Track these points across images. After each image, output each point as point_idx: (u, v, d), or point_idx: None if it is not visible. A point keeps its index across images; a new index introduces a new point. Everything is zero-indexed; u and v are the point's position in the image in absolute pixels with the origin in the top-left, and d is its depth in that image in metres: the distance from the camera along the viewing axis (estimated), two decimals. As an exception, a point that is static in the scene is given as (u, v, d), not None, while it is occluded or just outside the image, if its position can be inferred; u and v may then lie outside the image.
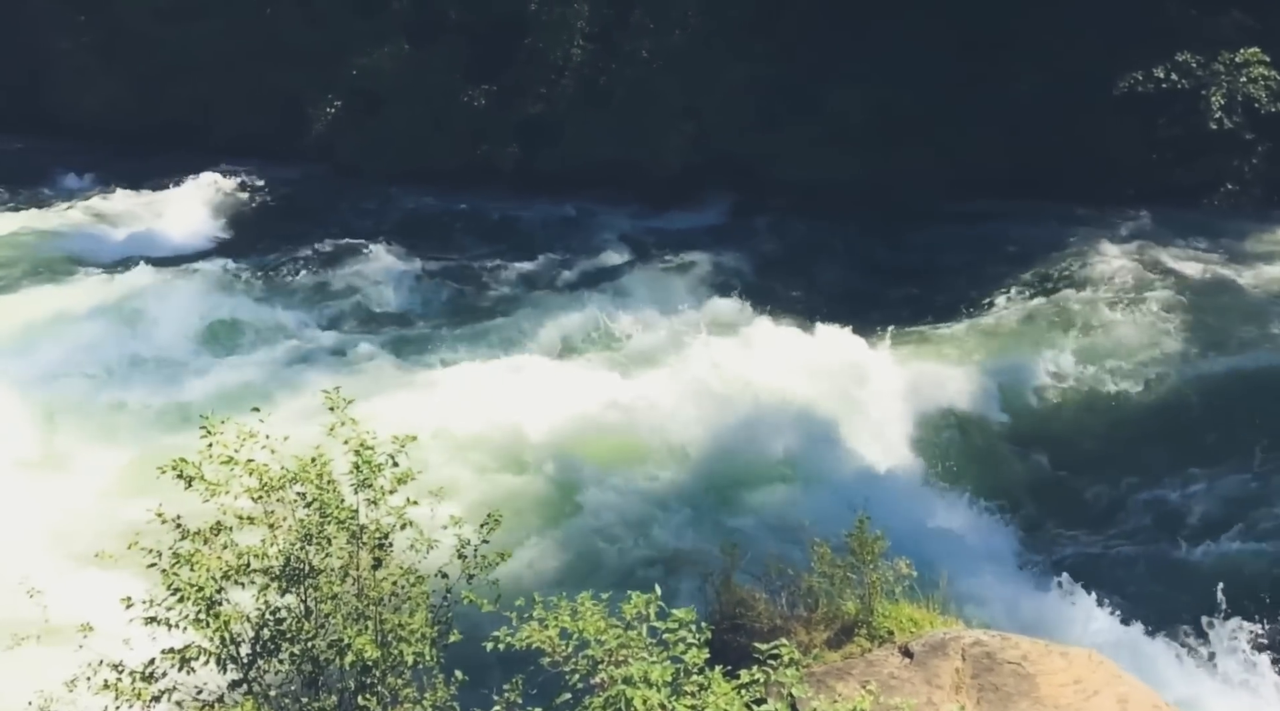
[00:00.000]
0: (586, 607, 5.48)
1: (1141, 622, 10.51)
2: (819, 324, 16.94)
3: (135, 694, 6.23)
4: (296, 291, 19.78)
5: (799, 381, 14.22)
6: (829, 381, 14.10)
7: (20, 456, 14.00)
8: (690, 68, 25.42)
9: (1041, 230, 21.58)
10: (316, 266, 21.15)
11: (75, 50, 30.68)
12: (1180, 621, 10.54)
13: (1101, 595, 10.87)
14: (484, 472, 12.61)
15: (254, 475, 6.92)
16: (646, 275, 20.04)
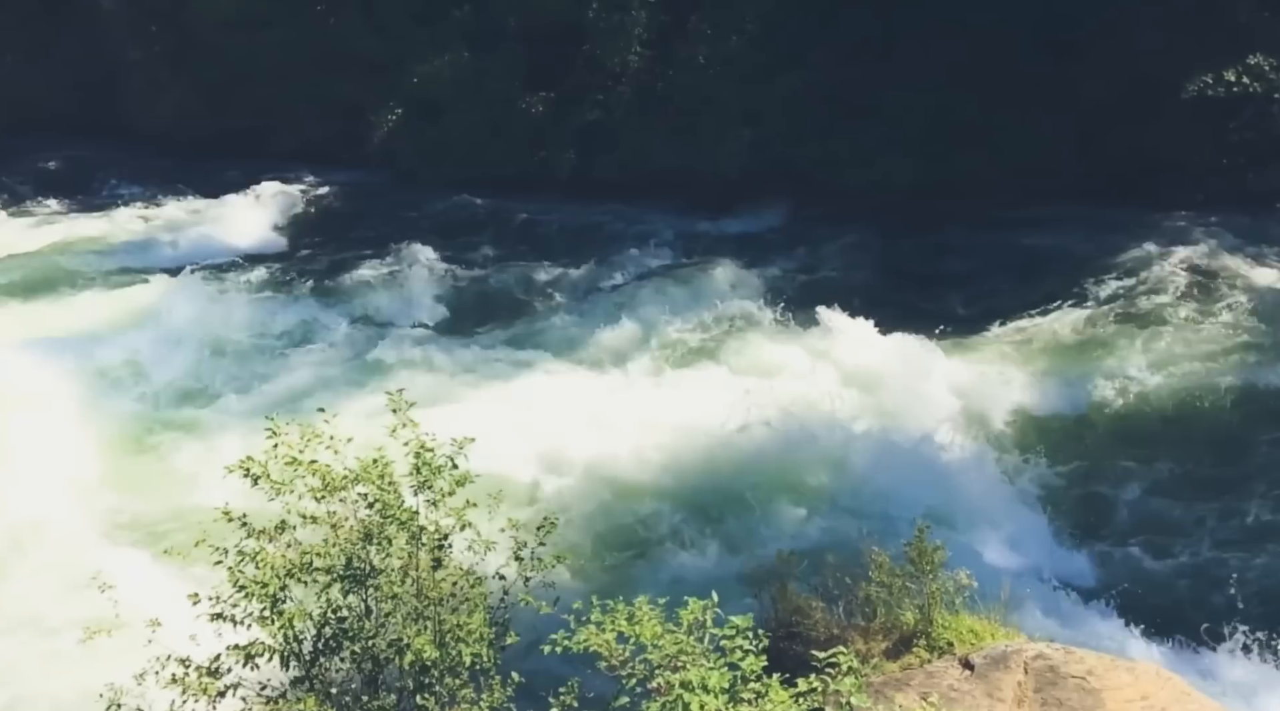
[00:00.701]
0: (643, 612, 5.47)
1: (1210, 639, 10.23)
2: (878, 330, 16.77)
3: (201, 688, 6.36)
4: (356, 296, 20.08)
5: (857, 389, 14.08)
6: (888, 389, 13.94)
7: (88, 453, 14.38)
8: (747, 73, 25.38)
9: (1106, 237, 21.15)
10: (376, 271, 21.45)
11: (147, 59, 31.51)
12: (1252, 640, 10.23)
13: (1169, 610, 10.61)
14: (539, 476, 12.66)
15: (317, 475, 7.04)
16: (702, 281, 19.98)
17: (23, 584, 11.33)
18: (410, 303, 20.01)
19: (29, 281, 20.80)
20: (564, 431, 13.54)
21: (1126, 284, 19.30)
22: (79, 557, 11.05)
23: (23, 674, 10.08)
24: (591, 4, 26.85)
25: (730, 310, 18.45)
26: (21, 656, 10.29)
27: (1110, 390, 15.76)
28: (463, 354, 17.11)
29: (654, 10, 26.64)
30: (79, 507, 12.71)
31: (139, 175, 29.15)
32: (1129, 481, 13.78)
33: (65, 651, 9.76)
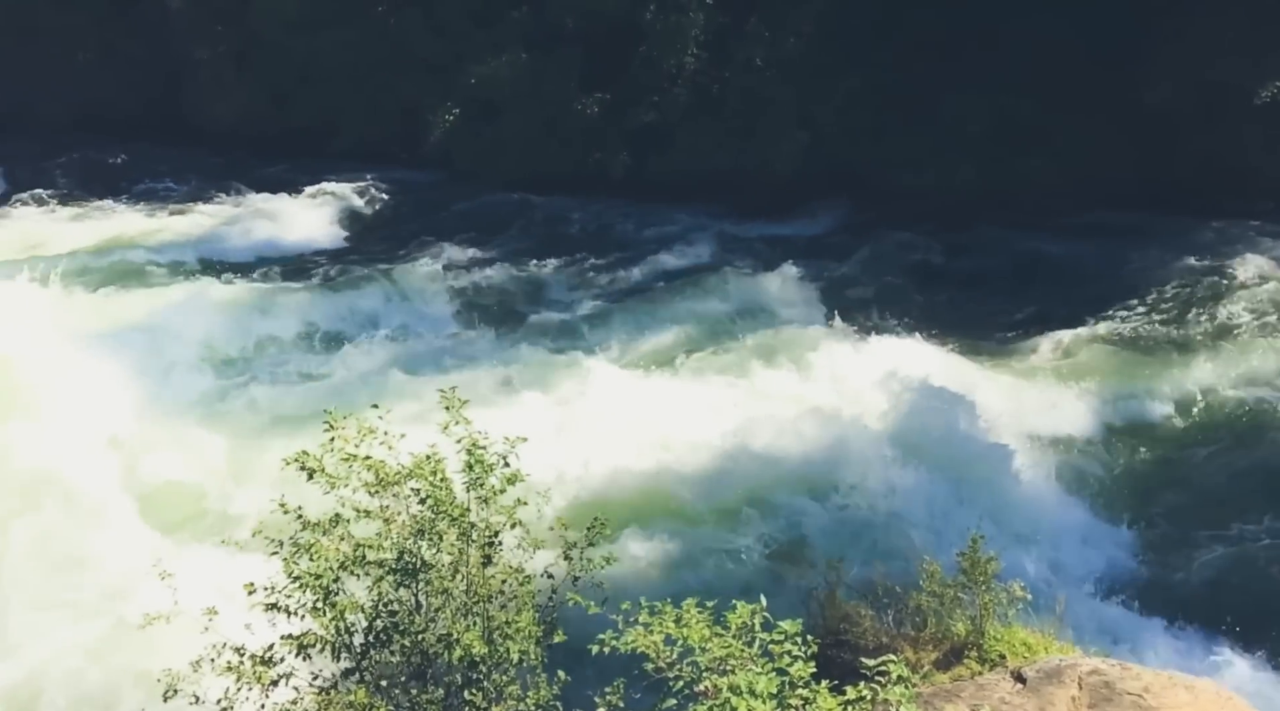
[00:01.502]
0: (691, 615, 5.46)
1: (1273, 659, 9.95)
2: (936, 336, 16.59)
3: (255, 677, 6.46)
4: (411, 294, 20.29)
5: (912, 395, 13.91)
6: (944, 397, 13.76)
7: (151, 442, 14.70)
8: (805, 75, 25.26)
9: (1170, 244, 20.69)
10: (430, 270, 21.66)
11: (212, 59, 32.15)
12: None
13: (1230, 629, 10.34)
14: (589, 476, 12.70)
15: (372, 470, 7.13)
16: (755, 284, 19.90)
17: (84, 568, 11.63)
18: (464, 301, 20.19)
19: (95, 274, 21.32)
20: (613, 432, 13.55)
21: (1191, 293, 18.86)
22: (140, 544, 11.32)
23: (84, 656, 10.35)
24: (649, 6, 26.91)
25: (782, 314, 18.36)
26: (83, 639, 10.56)
27: (1174, 403, 15.40)
28: (515, 352, 17.21)
29: (711, 12, 26.62)
30: (139, 496, 13.01)
31: (202, 173, 29.75)
32: (1190, 496, 13.46)
33: (125, 636, 10.02)
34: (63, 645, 10.56)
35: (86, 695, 9.88)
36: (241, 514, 12.08)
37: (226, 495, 12.97)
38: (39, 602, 11.25)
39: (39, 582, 11.55)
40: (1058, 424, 14.55)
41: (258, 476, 12.85)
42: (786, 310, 18.51)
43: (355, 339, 18.19)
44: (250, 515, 11.69)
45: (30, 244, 23.35)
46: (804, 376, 15.67)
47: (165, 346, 17.23)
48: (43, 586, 11.50)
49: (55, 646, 10.52)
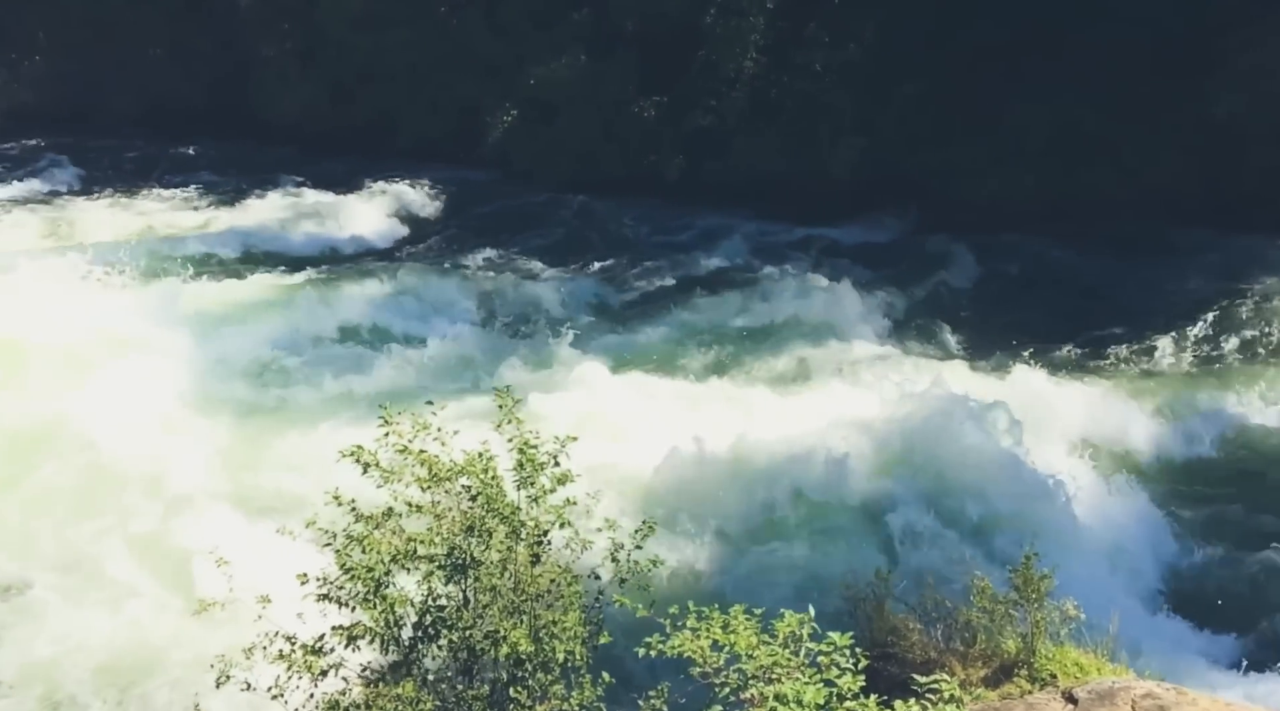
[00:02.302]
0: (739, 622, 5.44)
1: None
2: (990, 347, 16.36)
3: (306, 666, 6.55)
4: (466, 292, 20.45)
5: (964, 407, 13.69)
6: (1001, 410, 13.54)
7: (210, 430, 15.01)
8: (864, 81, 25.08)
9: (1237, 261, 20.17)
10: (485, 270, 21.86)
11: (278, 56, 32.78)
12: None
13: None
14: (638, 479, 12.70)
15: (425, 465, 7.20)
16: (810, 291, 19.75)
17: (142, 554, 11.90)
18: (517, 300, 20.32)
19: (158, 264, 21.81)
20: (663, 435, 13.54)
21: (1257, 312, 18.36)
22: (194, 531, 11.55)
23: (136, 641, 10.58)
24: (710, 10, 26.89)
25: (836, 321, 18.19)
26: (136, 625, 10.80)
27: (1238, 424, 15.02)
28: (565, 353, 17.27)
29: (772, 17, 26.55)
30: (193, 482, 13.27)
31: (264, 168, 30.31)
32: (1254, 519, 13.10)
33: (179, 622, 10.25)
34: (115, 625, 10.82)
35: (141, 677, 10.11)
36: (295, 505, 12.26)
37: (281, 486, 13.17)
38: (91, 581, 11.55)
39: (90, 559, 11.85)
40: (1115, 441, 14.26)
41: (313, 468, 13.03)
42: (840, 318, 18.34)
43: (410, 334, 18.39)
44: (304, 506, 11.87)
45: (97, 233, 23.95)
46: (856, 385, 15.53)
47: (224, 337, 17.55)
48: (95, 564, 11.79)
49: (106, 627, 10.78)
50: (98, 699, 10.02)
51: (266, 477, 13.54)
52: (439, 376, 16.55)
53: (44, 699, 10.07)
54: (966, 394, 14.00)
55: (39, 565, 11.84)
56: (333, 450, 7.60)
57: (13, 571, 11.81)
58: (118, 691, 10.09)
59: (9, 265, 20.34)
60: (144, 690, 10.07)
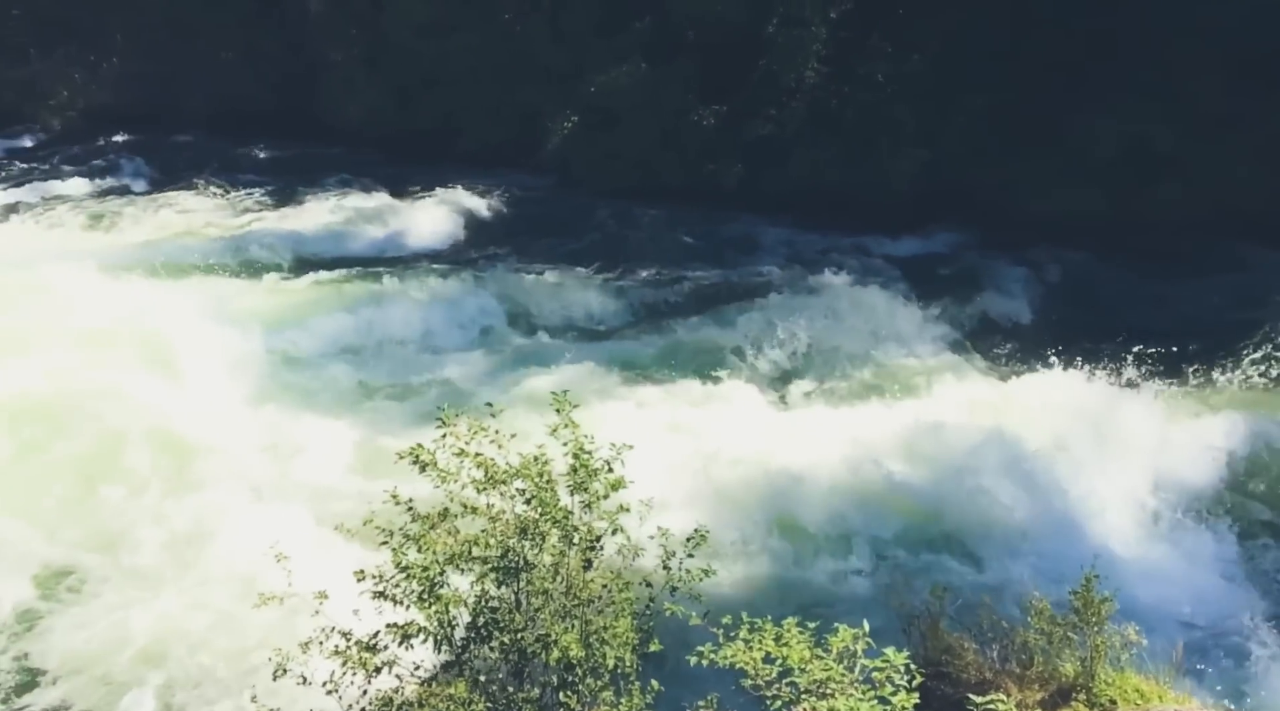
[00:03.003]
0: (792, 634, 5.41)
1: None
2: (1056, 365, 16.05)
3: (360, 662, 6.64)
4: (523, 297, 20.58)
5: (1030, 427, 13.45)
6: (1066, 429, 13.26)
7: (268, 426, 15.27)
8: (926, 93, 24.83)
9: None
10: (542, 275, 21.98)
11: (345, 60, 33.38)
12: None
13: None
14: (691, 488, 12.67)
15: (481, 468, 7.26)
16: (868, 304, 19.56)
17: (197, 545, 12.15)
18: (574, 307, 20.42)
19: (227, 263, 22.32)
20: (718, 445, 13.51)
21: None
22: (252, 526, 11.77)
23: (198, 633, 10.81)
24: (772, 20, 26.83)
25: (896, 335, 17.98)
26: (198, 615, 11.03)
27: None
28: (620, 359, 17.30)
29: (834, 27, 26.40)
30: (256, 478, 13.54)
31: (328, 170, 30.84)
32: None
33: (238, 615, 10.44)
34: (163, 613, 11.08)
35: (203, 664, 10.31)
36: (354, 502, 12.44)
37: (338, 483, 13.37)
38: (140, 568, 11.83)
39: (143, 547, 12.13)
40: (1182, 464, 13.89)
41: (371, 467, 13.23)
42: (900, 332, 18.11)
43: (467, 337, 18.58)
44: (362, 504, 12.03)
45: (168, 233, 24.55)
46: (916, 401, 15.31)
47: (284, 335, 17.86)
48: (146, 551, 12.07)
49: (171, 615, 11.03)
50: (144, 685, 10.26)
51: (324, 475, 13.76)
52: (494, 379, 16.67)
53: (94, 682, 10.32)
54: (1028, 410, 13.76)
55: (95, 551, 12.18)
56: (390, 449, 7.71)
57: (67, 556, 12.15)
58: (164, 677, 10.33)
59: (77, 259, 20.97)
60: (191, 678, 10.30)
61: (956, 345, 18.07)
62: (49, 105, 36.23)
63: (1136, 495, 12.69)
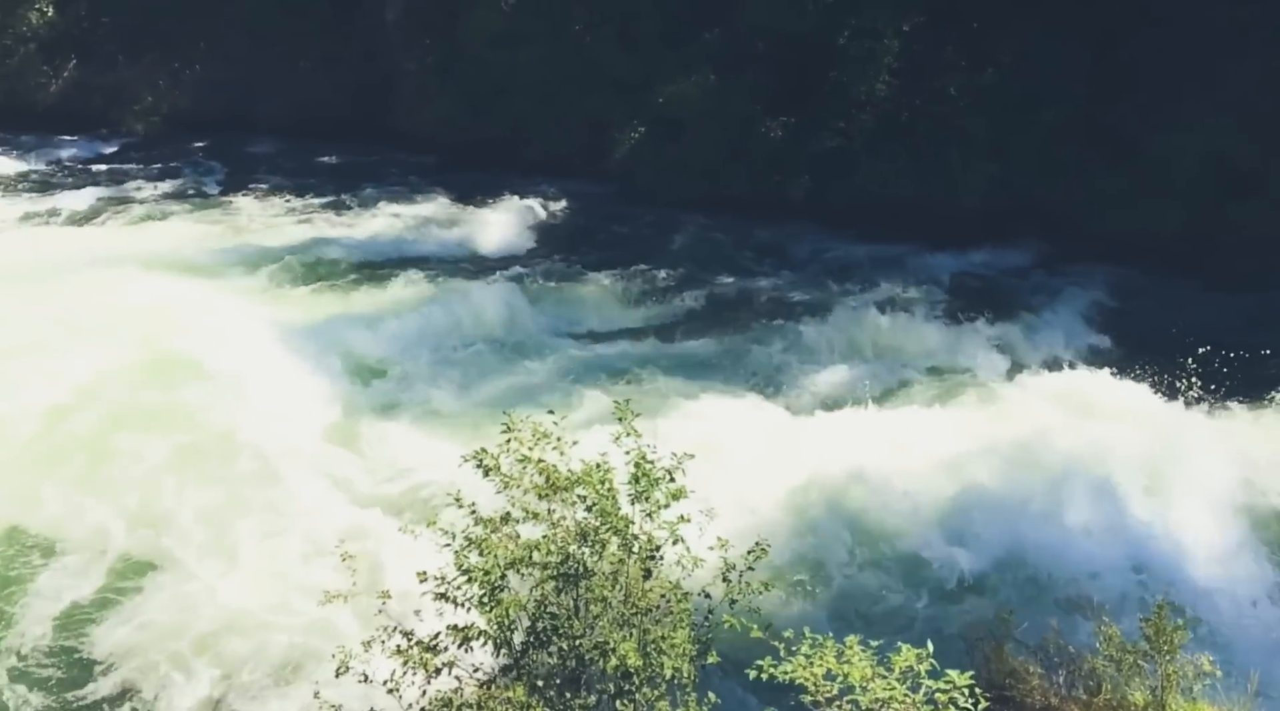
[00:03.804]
0: (853, 652, 5.34)
1: None
2: (1130, 387, 15.65)
3: (421, 662, 6.72)
4: (589, 305, 20.71)
5: (1102, 449, 13.11)
6: (1141, 453, 12.90)
7: (337, 426, 15.58)
8: (1000, 106, 24.45)
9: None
10: (608, 284, 22.07)
11: (419, 70, 33.92)
12: None
13: None
14: (752, 501, 12.59)
15: (543, 474, 7.31)
16: (937, 318, 19.31)
17: (274, 544, 12.42)
18: (637, 316, 20.48)
19: (299, 268, 22.79)
20: (780, 457, 13.41)
21: None
22: (325, 529, 12.01)
23: (262, 627, 11.03)
24: (844, 32, 26.66)
25: (965, 350, 17.68)
26: (262, 609, 11.27)
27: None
28: (685, 370, 17.30)
29: (907, 40, 26.14)
30: (328, 477, 13.81)
31: (401, 177, 31.43)
32: None
33: (304, 610, 10.65)
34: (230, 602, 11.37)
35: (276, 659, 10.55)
36: (416, 503, 12.63)
37: (402, 484, 13.56)
38: (216, 558, 12.14)
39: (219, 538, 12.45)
40: (1259, 493, 13.42)
41: (434, 468, 13.39)
42: (969, 347, 17.83)
43: (532, 343, 18.72)
44: (424, 505, 12.22)
45: (241, 238, 25.15)
46: (986, 419, 15.02)
47: (358, 340, 18.18)
48: (223, 543, 12.38)
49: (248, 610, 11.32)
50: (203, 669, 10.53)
51: (389, 475, 13.98)
52: (557, 385, 16.79)
53: (156, 662, 10.63)
54: (1100, 433, 13.42)
55: (177, 540, 12.53)
56: (454, 452, 7.79)
57: (143, 542, 12.54)
58: (223, 664, 10.59)
59: (153, 259, 21.65)
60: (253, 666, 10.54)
61: (1022, 362, 17.70)
62: (134, 110, 37.38)
63: (1213, 521, 12.30)
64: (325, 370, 16.93)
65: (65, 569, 12.18)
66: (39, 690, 10.37)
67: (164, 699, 10.14)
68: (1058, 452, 13.09)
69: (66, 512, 13.04)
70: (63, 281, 19.76)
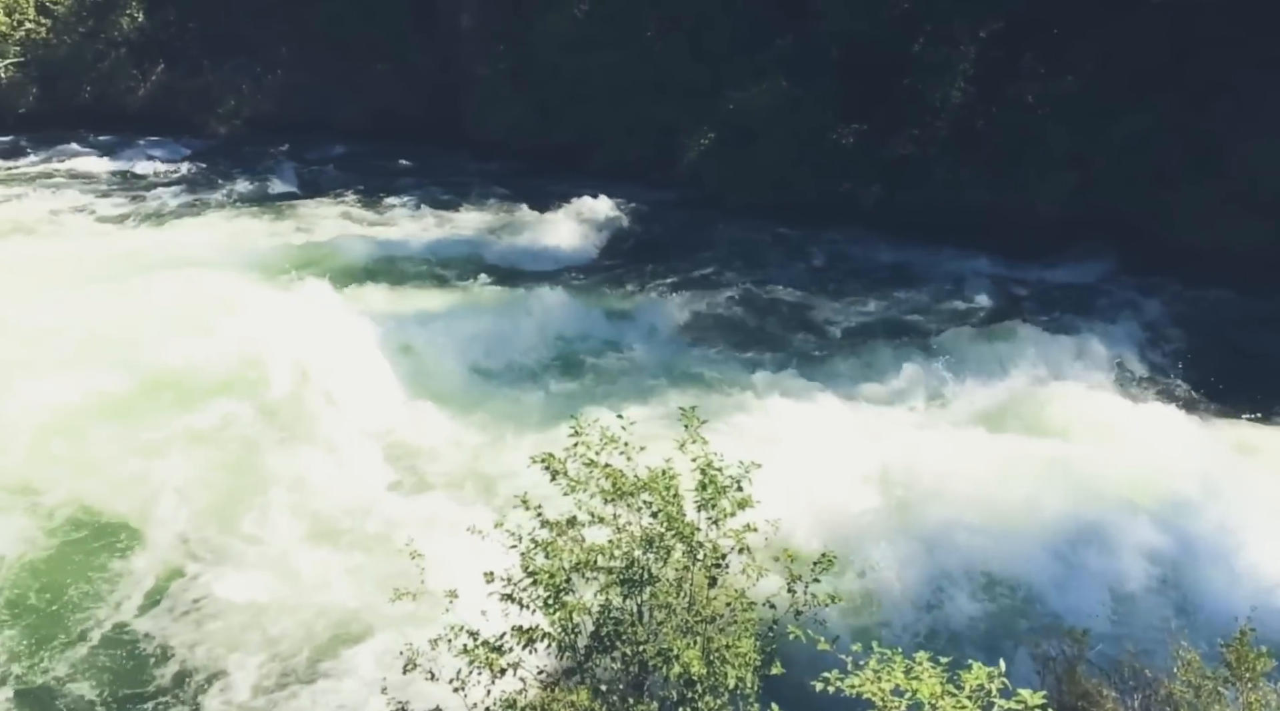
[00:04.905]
0: (923, 668, 5.24)
1: None
2: (1212, 407, 15.18)
3: (487, 662, 6.78)
4: (656, 311, 20.70)
5: (1183, 470, 12.71)
6: (1223, 475, 12.49)
7: (409, 422, 15.81)
8: (1080, 114, 23.90)
9: None
10: (675, 289, 22.09)
11: (492, 75, 34.33)
12: None
13: None
14: (817, 511, 12.48)
15: (610, 478, 7.33)
16: (1008, 331, 18.91)
17: (341, 541, 12.65)
18: (704, 322, 20.44)
19: (372, 269, 23.23)
20: (851, 467, 13.28)
21: None
22: (394, 528, 12.21)
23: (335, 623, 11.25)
24: (919, 39, 26.33)
25: (1038, 365, 17.26)
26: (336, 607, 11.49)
27: None
28: (749, 378, 17.20)
29: (984, 46, 25.72)
30: (400, 478, 14.04)
31: (473, 180, 31.85)
32: None
33: (376, 606, 10.83)
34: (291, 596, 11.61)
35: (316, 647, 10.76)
36: (483, 504, 12.75)
37: (474, 485, 13.72)
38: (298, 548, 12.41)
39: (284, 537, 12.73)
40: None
41: (501, 470, 13.53)
42: (1043, 361, 17.41)
43: (599, 348, 18.78)
44: (494, 506, 12.33)
45: (314, 239, 25.67)
46: (1057, 435, 14.68)
47: (427, 339, 18.42)
48: (305, 535, 12.66)
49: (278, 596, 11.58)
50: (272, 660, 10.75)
51: (455, 474, 14.15)
52: (624, 390, 16.82)
53: (218, 648, 10.88)
54: (1181, 453, 13.03)
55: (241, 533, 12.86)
56: (521, 454, 7.85)
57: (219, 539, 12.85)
58: (286, 653, 10.81)
59: (233, 257, 22.23)
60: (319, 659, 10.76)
61: (1098, 379, 17.25)
62: (218, 113, 38.44)
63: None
64: (393, 368, 17.19)
65: (149, 546, 12.59)
66: (106, 673, 10.71)
67: (222, 684, 10.43)
68: (1135, 471, 12.75)
69: (137, 489, 13.45)
70: (151, 277, 20.36)
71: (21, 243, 24.89)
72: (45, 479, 13.92)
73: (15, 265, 22.20)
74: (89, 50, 39.56)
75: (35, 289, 20.06)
